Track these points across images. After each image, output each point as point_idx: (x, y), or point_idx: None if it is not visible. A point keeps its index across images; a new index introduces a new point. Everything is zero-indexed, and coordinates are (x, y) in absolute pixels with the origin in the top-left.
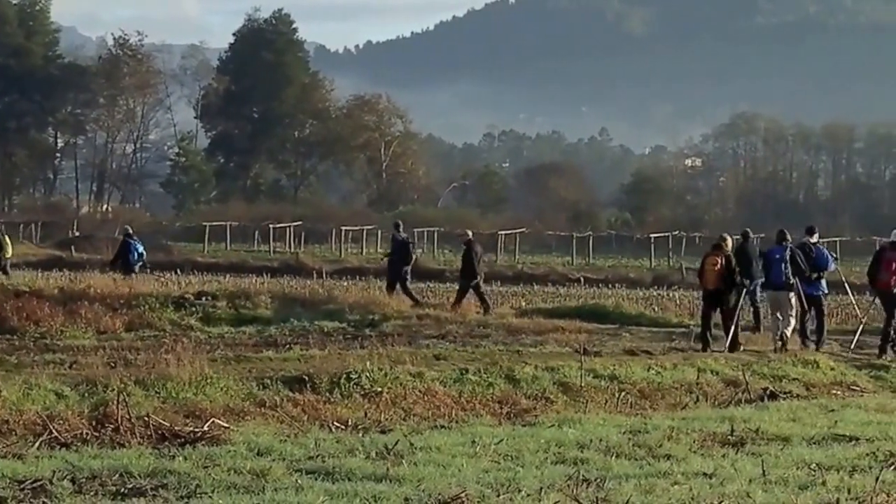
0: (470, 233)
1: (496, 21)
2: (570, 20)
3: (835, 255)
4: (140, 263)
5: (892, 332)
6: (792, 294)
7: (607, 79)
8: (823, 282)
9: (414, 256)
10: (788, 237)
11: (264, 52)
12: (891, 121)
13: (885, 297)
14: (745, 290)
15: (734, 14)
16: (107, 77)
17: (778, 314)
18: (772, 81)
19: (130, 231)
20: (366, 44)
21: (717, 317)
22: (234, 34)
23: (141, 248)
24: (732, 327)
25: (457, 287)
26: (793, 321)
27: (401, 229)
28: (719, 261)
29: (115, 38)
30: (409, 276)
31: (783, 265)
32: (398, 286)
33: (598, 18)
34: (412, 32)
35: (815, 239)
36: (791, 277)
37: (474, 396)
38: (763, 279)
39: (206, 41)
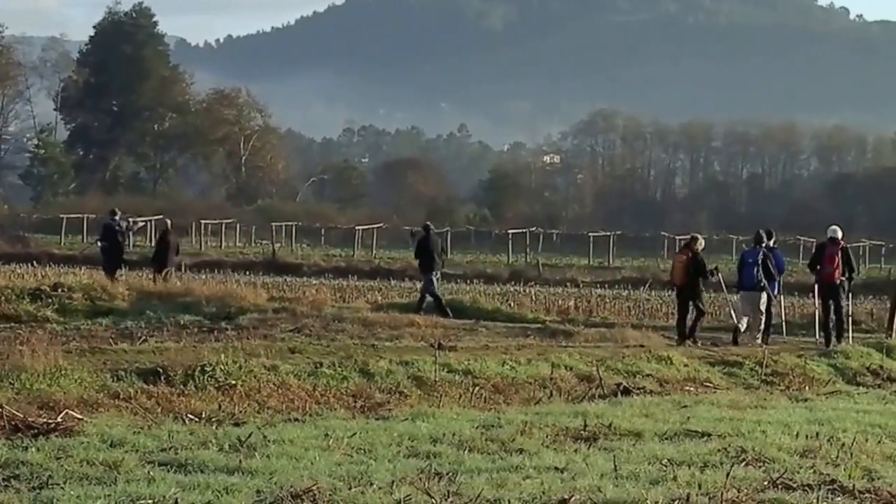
0: (169, 222)
1: (357, 17)
2: (431, 16)
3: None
4: None
5: (832, 319)
6: (764, 294)
7: (467, 75)
8: (777, 283)
9: (126, 243)
10: (764, 240)
11: (124, 45)
12: (748, 120)
13: (830, 288)
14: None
15: (592, 11)
16: None
17: (748, 314)
18: (630, 80)
19: None
20: (226, 38)
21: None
22: (94, 27)
23: None
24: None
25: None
26: (763, 319)
27: (117, 215)
28: (685, 258)
29: None
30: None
31: (755, 269)
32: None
33: (457, 15)
34: (273, 27)
35: (772, 243)
36: (763, 280)
37: (328, 390)
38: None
39: (67, 34)
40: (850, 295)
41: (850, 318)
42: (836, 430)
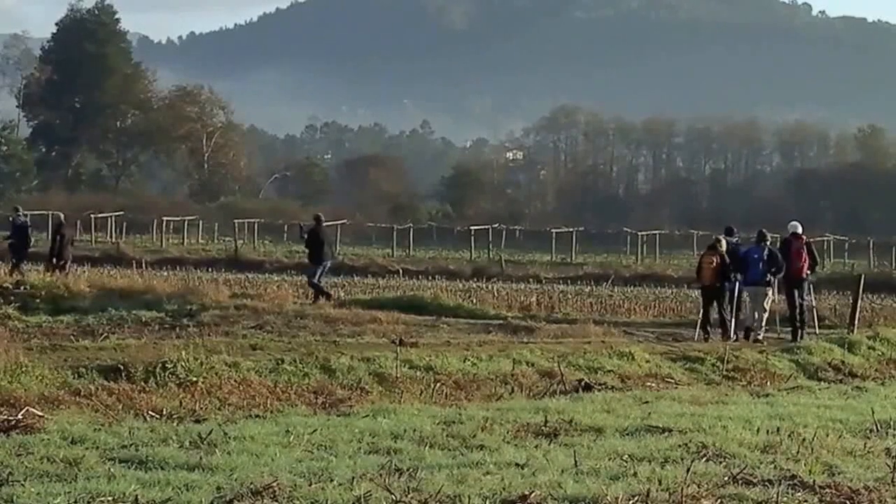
0: (62, 216)
1: (319, 14)
2: (393, 13)
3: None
4: None
5: (800, 313)
6: (769, 290)
7: (429, 71)
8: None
9: (32, 239)
10: (769, 238)
11: (86, 42)
12: (710, 116)
13: (797, 282)
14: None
15: (554, 8)
16: None
17: (754, 310)
18: (592, 76)
19: None
20: (189, 35)
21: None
22: (56, 24)
23: None
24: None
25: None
26: (766, 317)
27: (20, 212)
28: (715, 259)
29: None
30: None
31: (760, 264)
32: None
33: (419, 12)
34: (235, 24)
35: (735, 239)
36: (768, 275)
37: (290, 386)
38: None
39: (28, 31)
40: (812, 289)
41: (815, 313)
42: (797, 425)
